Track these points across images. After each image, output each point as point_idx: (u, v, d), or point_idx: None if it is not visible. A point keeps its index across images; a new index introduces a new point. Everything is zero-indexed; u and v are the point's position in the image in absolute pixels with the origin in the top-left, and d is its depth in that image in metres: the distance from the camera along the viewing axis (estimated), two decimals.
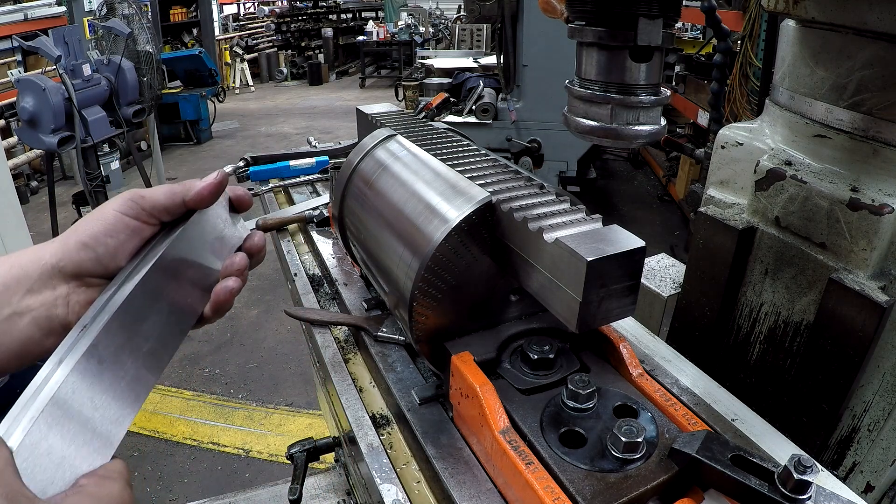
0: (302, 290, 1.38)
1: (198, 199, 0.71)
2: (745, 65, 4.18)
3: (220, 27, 14.95)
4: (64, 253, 0.64)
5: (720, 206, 1.34)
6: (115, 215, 0.66)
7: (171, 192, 0.69)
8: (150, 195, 0.68)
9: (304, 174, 2.08)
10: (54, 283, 0.64)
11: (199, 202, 0.71)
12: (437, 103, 5.10)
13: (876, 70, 1.02)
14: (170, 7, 11.17)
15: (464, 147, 1.14)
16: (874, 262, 1.04)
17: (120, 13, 4.88)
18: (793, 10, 1.11)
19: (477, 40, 13.13)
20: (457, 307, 0.93)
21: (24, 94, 3.80)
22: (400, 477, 0.87)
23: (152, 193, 0.69)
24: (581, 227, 0.80)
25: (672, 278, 1.75)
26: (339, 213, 1.20)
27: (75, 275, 0.65)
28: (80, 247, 0.64)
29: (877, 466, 1.21)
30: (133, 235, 0.67)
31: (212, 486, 3.22)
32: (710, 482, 0.72)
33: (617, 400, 0.85)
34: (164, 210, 0.69)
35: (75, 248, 0.64)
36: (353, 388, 1.06)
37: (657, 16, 0.79)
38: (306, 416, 3.75)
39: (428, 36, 15.92)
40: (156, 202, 0.68)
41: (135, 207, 0.67)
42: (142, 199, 0.68)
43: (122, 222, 0.66)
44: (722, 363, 1.37)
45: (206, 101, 9.52)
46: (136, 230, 0.67)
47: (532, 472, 0.72)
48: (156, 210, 0.68)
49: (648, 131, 0.87)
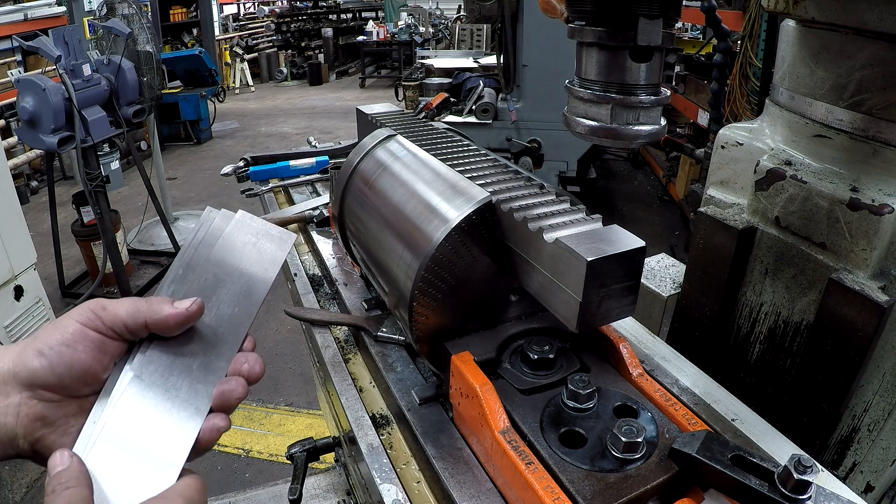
0: (302, 290, 1.38)
1: (162, 327, 0.66)
2: (745, 65, 4.18)
3: (220, 27, 14.95)
4: (19, 359, 0.62)
5: (720, 206, 1.34)
6: (73, 325, 0.63)
7: (134, 311, 0.65)
8: (113, 309, 0.65)
9: (304, 174, 2.08)
10: (7, 390, 0.61)
11: (163, 330, 0.67)
12: (437, 103, 5.10)
13: (876, 70, 1.02)
14: (170, 7, 11.16)
15: (464, 147, 1.14)
16: (874, 262, 1.04)
17: (120, 13, 4.87)
18: (793, 10, 1.11)
19: (477, 40, 13.13)
20: (457, 307, 0.93)
21: (24, 94, 3.80)
22: (400, 477, 0.87)
23: (115, 308, 0.65)
24: (581, 227, 0.80)
25: (672, 278, 1.75)
26: (339, 213, 1.20)
27: (28, 384, 0.61)
28: (35, 354, 0.61)
29: (877, 466, 1.20)
30: (95, 350, 0.64)
31: (212, 486, 3.20)
32: (710, 482, 0.72)
33: (617, 400, 0.85)
34: (125, 328, 0.65)
35: (31, 355, 0.62)
36: (353, 388, 1.06)
37: (657, 16, 0.79)
38: (306, 416, 3.75)
39: (428, 36, 15.91)
40: (116, 318, 0.65)
41: (94, 320, 0.64)
42: (103, 311, 0.64)
43: (81, 333, 0.63)
44: (722, 363, 1.37)
45: (206, 101, 9.51)
46: (95, 343, 0.64)
47: (532, 472, 0.72)
48: (116, 326, 0.65)
49: (648, 131, 0.87)
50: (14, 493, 3.14)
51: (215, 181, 7.74)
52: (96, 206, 4.28)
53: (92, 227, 4.63)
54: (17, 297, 3.58)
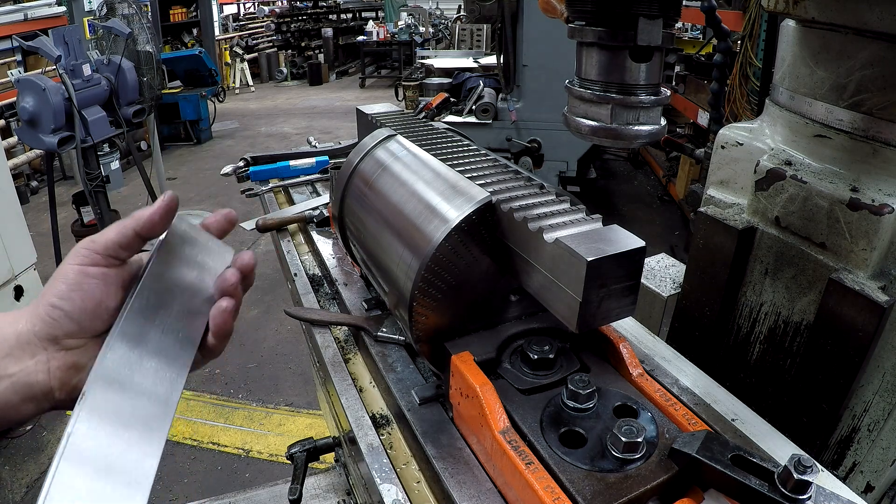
0: (302, 290, 1.38)
1: (149, 226, 0.68)
2: (745, 65, 4.18)
3: (220, 27, 14.95)
4: (36, 317, 0.64)
5: (720, 206, 1.34)
6: (73, 269, 0.65)
7: (121, 228, 0.67)
8: (101, 237, 0.66)
9: (304, 174, 2.08)
10: (32, 350, 0.63)
11: (152, 229, 0.68)
12: (437, 103, 5.10)
13: (876, 70, 1.02)
14: (170, 7, 11.17)
15: (464, 147, 1.14)
16: (874, 262, 1.04)
17: (120, 13, 4.88)
18: (793, 10, 1.11)
19: (477, 40, 13.13)
20: (457, 307, 0.93)
21: (24, 94, 3.80)
22: (400, 477, 0.87)
23: (102, 235, 0.67)
24: (581, 227, 0.80)
25: (672, 278, 1.75)
26: (339, 213, 1.20)
27: (51, 338, 0.64)
28: (49, 309, 0.63)
29: (877, 466, 1.21)
30: (101, 283, 0.65)
31: (212, 486, 3.22)
32: (710, 482, 0.72)
33: (617, 400, 0.85)
34: (119, 246, 0.66)
35: (45, 311, 0.63)
36: (353, 388, 1.06)
37: (657, 16, 0.79)
38: (306, 416, 3.75)
39: (428, 36, 15.91)
40: (107, 242, 0.66)
41: (89, 255, 0.65)
42: (93, 243, 0.66)
43: (83, 274, 0.64)
44: (722, 363, 1.37)
45: (206, 101, 9.52)
46: (101, 277, 0.65)
47: (532, 472, 0.72)
48: (110, 249, 0.66)
49: (648, 131, 0.87)
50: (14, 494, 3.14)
51: (215, 181, 7.74)
52: (96, 206, 4.29)
53: (92, 227, 4.63)
54: (17, 297, 3.58)
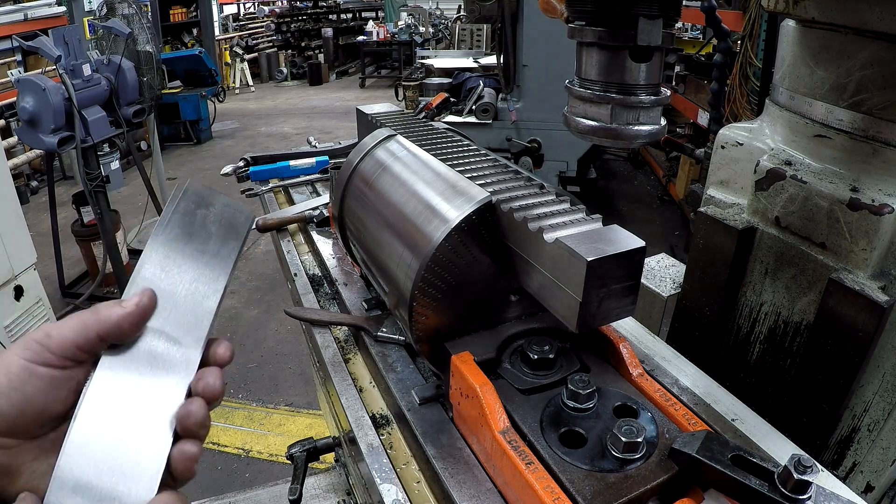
0: (302, 290, 1.38)
1: (116, 333, 0.59)
2: (745, 65, 4.18)
3: (220, 27, 14.95)
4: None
5: (720, 206, 1.34)
6: (18, 364, 0.55)
7: (82, 327, 0.58)
8: (59, 334, 0.57)
9: (304, 174, 2.08)
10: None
11: (119, 335, 0.59)
12: (437, 103, 5.10)
13: (876, 70, 1.02)
14: (170, 7, 11.16)
15: (464, 147, 1.14)
16: (874, 262, 1.04)
17: (120, 13, 4.88)
18: (793, 10, 1.11)
19: (477, 40, 13.12)
20: (457, 307, 0.93)
21: (24, 94, 3.80)
22: (400, 477, 0.87)
23: (61, 332, 0.57)
24: (581, 227, 0.80)
25: (672, 278, 1.75)
26: (339, 213, 1.20)
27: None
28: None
29: (877, 466, 1.20)
30: (46, 388, 0.56)
31: (212, 486, 3.22)
32: (710, 482, 0.72)
33: (617, 400, 0.85)
34: (76, 347, 0.57)
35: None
36: (353, 388, 1.06)
37: (657, 16, 0.79)
38: (306, 416, 3.75)
39: (428, 36, 15.90)
40: (64, 343, 0.57)
41: (41, 352, 0.56)
42: (48, 339, 0.57)
43: (29, 372, 0.55)
44: (722, 363, 1.37)
45: (206, 101, 9.51)
46: (46, 379, 0.56)
47: (532, 472, 0.72)
48: (67, 352, 0.57)
49: (648, 131, 0.87)
50: None
51: (215, 181, 7.73)
52: (96, 206, 4.28)
53: (92, 227, 4.63)
54: (17, 297, 3.58)
